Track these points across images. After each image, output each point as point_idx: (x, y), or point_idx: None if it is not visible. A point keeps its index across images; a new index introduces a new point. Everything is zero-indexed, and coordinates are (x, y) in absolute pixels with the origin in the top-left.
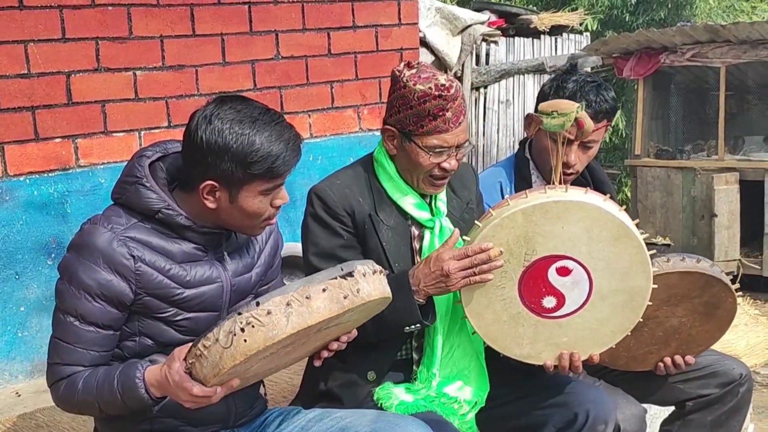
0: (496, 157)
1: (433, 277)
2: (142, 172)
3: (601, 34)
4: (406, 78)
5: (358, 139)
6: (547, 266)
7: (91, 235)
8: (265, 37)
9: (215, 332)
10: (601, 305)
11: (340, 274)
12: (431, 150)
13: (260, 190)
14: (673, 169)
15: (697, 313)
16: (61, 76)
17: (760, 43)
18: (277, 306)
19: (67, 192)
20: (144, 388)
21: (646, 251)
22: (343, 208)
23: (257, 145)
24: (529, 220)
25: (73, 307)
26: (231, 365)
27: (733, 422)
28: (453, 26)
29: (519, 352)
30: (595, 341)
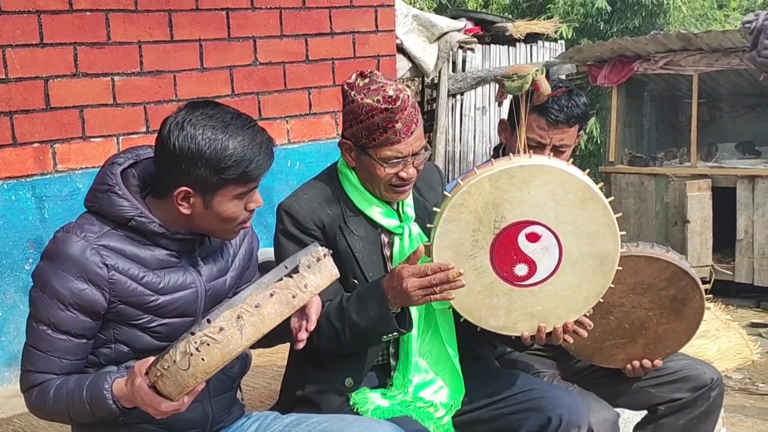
0: (472, 163)
1: (396, 291)
2: (114, 180)
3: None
4: (354, 92)
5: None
6: (516, 233)
7: (64, 244)
8: (243, 43)
9: (171, 354)
10: (572, 271)
11: (285, 273)
12: (386, 162)
13: (234, 194)
14: (647, 176)
15: (664, 308)
16: (39, 81)
17: (732, 51)
18: (228, 321)
19: (45, 197)
20: (112, 399)
21: (612, 213)
22: (312, 222)
23: (230, 149)
24: (496, 186)
25: (45, 315)
26: (194, 383)
27: (705, 426)
28: (430, 33)
29: (495, 323)
30: (569, 308)
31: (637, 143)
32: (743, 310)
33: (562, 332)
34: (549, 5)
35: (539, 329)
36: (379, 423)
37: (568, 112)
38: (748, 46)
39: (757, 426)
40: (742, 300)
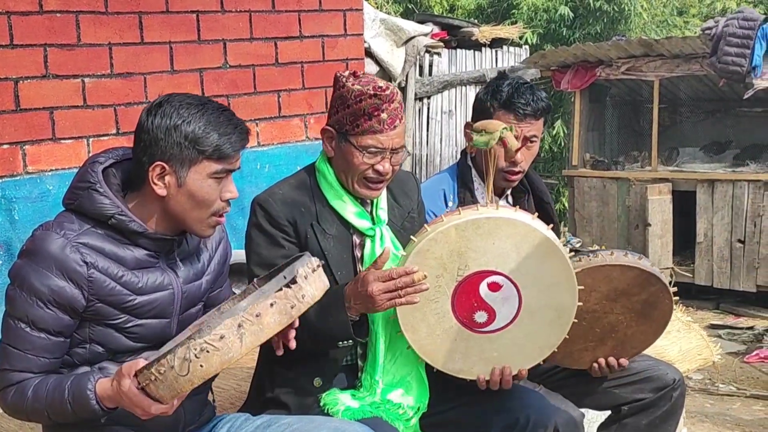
0: (439, 166)
1: (360, 296)
2: (96, 178)
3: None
4: (345, 79)
5: (304, 147)
6: (479, 281)
7: (43, 241)
8: (213, 45)
9: (169, 359)
10: (530, 321)
11: (284, 283)
12: (365, 149)
13: (209, 172)
14: (609, 180)
15: (635, 312)
16: (8, 82)
17: (692, 57)
18: (229, 329)
19: (14, 198)
20: (95, 399)
21: (572, 269)
22: (285, 218)
23: (205, 123)
24: (462, 235)
25: (24, 313)
26: (189, 388)
27: (667, 426)
28: (397, 37)
29: (452, 367)
30: (524, 357)
31: (600, 147)
32: (703, 311)
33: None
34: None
35: (493, 373)
36: (350, 424)
37: (534, 105)
38: (708, 52)
39: (716, 426)
40: (702, 302)
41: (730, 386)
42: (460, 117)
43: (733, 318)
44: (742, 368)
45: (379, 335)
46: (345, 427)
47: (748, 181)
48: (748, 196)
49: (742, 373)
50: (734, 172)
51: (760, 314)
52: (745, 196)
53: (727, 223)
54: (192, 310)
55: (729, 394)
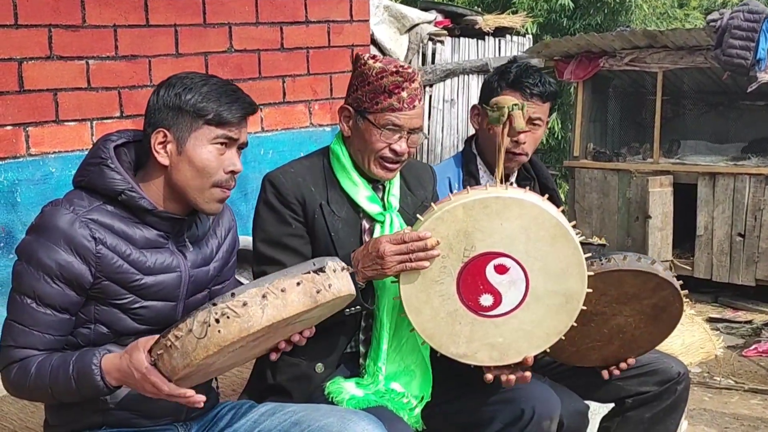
0: (440, 155)
1: (370, 258)
2: (107, 154)
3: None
4: (367, 57)
5: (308, 134)
6: (485, 263)
7: (52, 216)
8: (219, 29)
9: (188, 323)
10: (536, 306)
11: (313, 269)
12: (383, 127)
13: (209, 138)
14: (610, 171)
15: (644, 315)
16: (12, 63)
17: (697, 49)
18: (253, 298)
19: (17, 180)
20: (100, 375)
21: (582, 254)
22: (294, 196)
23: (207, 90)
24: (469, 215)
25: (31, 288)
26: (204, 356)
27: (671, 419)
28: (400, 25)
29: (455, 351)
30: (530, 343)
31: (601, 139)
32: (701, 305)
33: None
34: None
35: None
36: (356, 413)
37: (542, 87)
38: (713, 44)
39: (715, 419)
40: (701, 295)
41: (729, 380)
42: (462, 106)
43: (732, 312)
44: (740, 362)
45: (383, 323)
46: (351, 416)
47: (750, 175)
48: (749, 189)
49: (741, 366)
50: (736, 165)
51: (759, 308)
52: (746, 189)
53: (727, 216)
54: (198, 295)
55: (727, 388)
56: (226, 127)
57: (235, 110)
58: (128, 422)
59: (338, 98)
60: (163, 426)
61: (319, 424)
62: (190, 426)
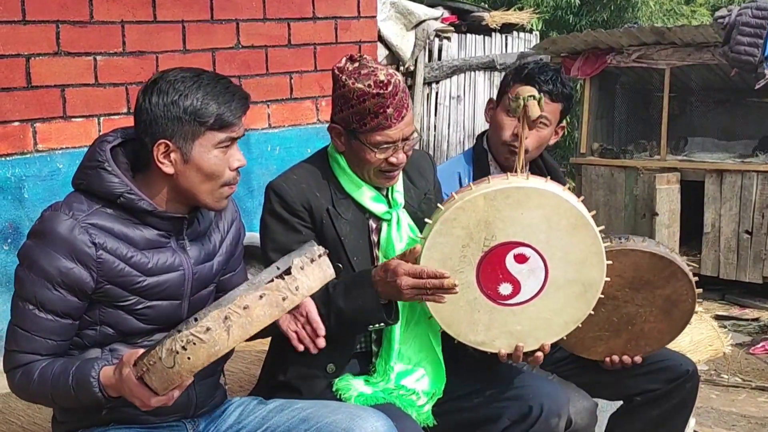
0: (446, 152)
1: (387, 285)
2: (104, 156)
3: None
4: (345, 77)
5: (315, 130)
6: (505, 252)
7: (52, 222)
8: (226, 25)
9: (157, 350)
10: (556, 295)
11: (277, 274)
12: (376, 147)
13: (214, 143)
14: (617, 168)
15: (655, 307)
16: (20, 58)
17: (704, 46)
18: (215, 321)
19: (24, 177)
20: (98, 387)
21: (601, 243)
22: (300, 203)
23: (203, 94)
24: (491, 204)
25: (32, 294)
26: (179, 380)
27: (679, 417)
28: (407, 21)
29: (473, 339)
30: (548, 331)
31: (608, 135)
32: (708, 302)
33: (541, 356)
34: None
35: (517, 348)
36: (364, 410)
37: (553, 86)
38: (721, 41)
39: (722, 417)
40: (708, 293)
41: (736, 377)
42: (469, 102)
43: (739, 309)
44: (747, 360)
45: None
46: (359, 413)
47: (758, 172)
48: (756, 187)
49: (748, 364)
50: (743, 162)
51: (766, 306)
52: (754, 186)
53: (734, 213)
54: (203, 292)
55: (735, 386)
56: (229, 129)
57: (234, 109)
58: (136, 419)
59: None
60: (171, 422)
61: (328, 421)
62: (198, 422)
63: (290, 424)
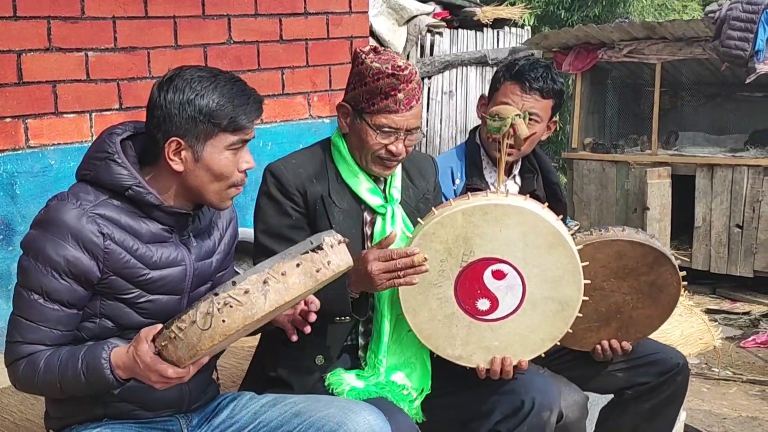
0: (438, 147)
1: (359, 275)
2: (114, 148)
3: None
4: (365, 55)
5: (307, 125)
6: (483, 268)
7: (58, 211)
8: (218, 21)
9: (191, 314)
10: (533, 312)
11: (311, 248)
12: (379, 129)
13: (225, 144)
14: (608, 163)
15: (642, 293)
16: (11, 54)
17: (695, 40)
18: (254, 284)
19: (16, 173)
20: (110, 369)
21: (578, 262)
22: (296, 187)
23: (219, 95)
24: (469, 220)
25: (38, 284)
26: (209, 345)
27: (670, 410)
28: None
29: (451, 353)
30: (525, 348)
31: (600, 130)
32: (699, 296)
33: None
34: None
35: (494, 363)
36: (357, 404)
37: (543, 83)
38: (711, 35)
39: (713, 410)
40: (699, 287)
41: (727, 371)
42: (461, 98)
43: (730, 303)
44: (738, 353)
45: (384, 315)
46: (352, 407)
47: (748, 166)
48: (747, 181)
49: (738, 358)
50: (734, 156)
51: (757, 299)
52: (745, 181)
53: (725, 208)
54: (202, 288)
55: (725, 379)
56: (242, 132)
57: (249, 113)
58: (129, 414)
59: (337, 90)
60: (164, 418)
61: (320, 415)
62: (191, 417)
63: (283, 419)
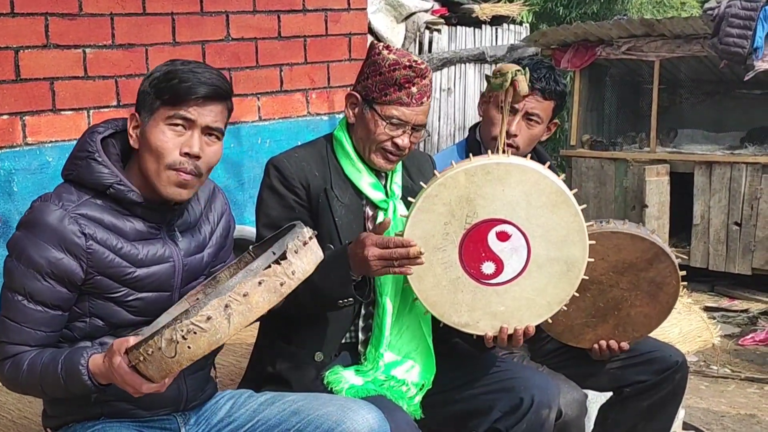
0: (437, 144)
1: (356, 258)
2: (94, 147)
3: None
4: (382, 47)
5: (306, 122)
6: (487, 230)
7: (41, 213)
8: (216, 18)
9: (156, 340)
10: (539, 274)
11: (273, 260)
12: (389, 120)
13: (163, 117)
14: (607, 160)
15: (640, 290)
16: (9, 51)
17: (694, 38)
18: (216, 309)
19: (13, 170)
20: (87, 375)
21: (583, 221)
22: (299, 180)
23: (169, 70)
24: (471, 180)
25: (21, 285)
26: (178, 369)
27: (669, 408)
28: (397, 13)
29: (457, 320)
30: (532, 312)
31: (598, 127)
32: (698, 294)
33: (522, 336)
34: None
35: (501, 330)
36: (355, 402)
37: (545, 84)
38: (710, 33)
39: (711, 408)
40: (697, 284)
41: (725, 369)
42: (459, 94)
43: (728, 300)
44: (736, 351)
45: (386, 308)
46: (351, 405)
47: (746, 164)
48: (745, 178)
49: (737, 355)
50: (732, 154)
51: (755, 297)
52: (743, 178)
53: (724, 205)
54: (193, 283)
55: (724, 377)
56: (181, 107)
57: (191, 89)
58: (126, 413)
59: (336, 87)
60: (161, 416)
61: (319, 413)
62: (188, 416)
63: (281, 417)
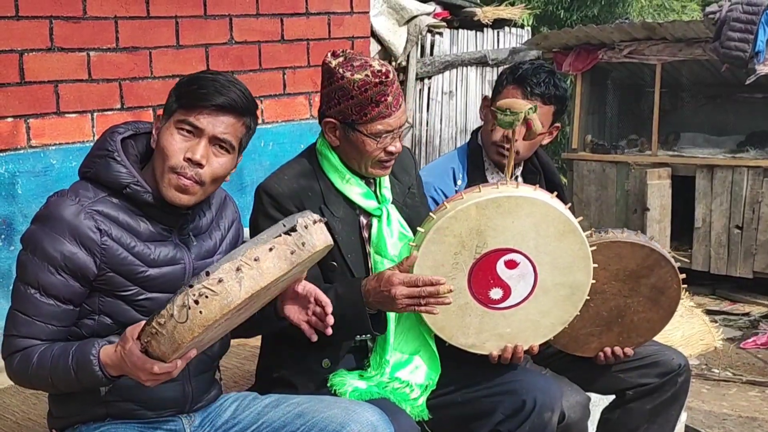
0: (438, 148)
1: (381, 296)
2: (114, 147)
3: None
4: (342, 69)
5: (309, 125)
6: (496, 259)
7: (57, 207)
8: (219, 21)
9: (168, 308)
10: (544, 298)
11: (284, 231)
12: (377, 136)
13: (175, 121)
14: (608, 163)
15: (642, 297)
16: (13, 54)
17: (695, 41)
18: (228, 273)
19: (17, 173)
20: (98, 366)
21: (588, 248)
22: (293, 203)
23: (197, 76)
24: (482, 213)
25: (35, 278)
26: (190, 338)
27: (671, 411)
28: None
29: (465, 342)
30: (536, 332)
31: (600, 131)
32: (699, 297)
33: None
34: None
35: (506, 349)
36: (360, 404)
37: (545, 89)
38: (712, 36)
39: (713, 411)
40: (699, 288)
41: (727, 372)
42: (461, 98)
43: (730, 304)
44: (738, 354)
45: (388, 316)
46: (355, 408)
47: (748, 168)
48: (747, 182)
49: (738, 359)
50: (734, 158)
51: (757, 300)
52: (745, 182)
53: (725, 209)
54: None
55: (725, 380)
56: (193, 113)
57: (205, 96)
58: (132, 414)
59: None
60: (166, 417)
61: (323, 416)
62: (193, 417)
63: (285, 419)
